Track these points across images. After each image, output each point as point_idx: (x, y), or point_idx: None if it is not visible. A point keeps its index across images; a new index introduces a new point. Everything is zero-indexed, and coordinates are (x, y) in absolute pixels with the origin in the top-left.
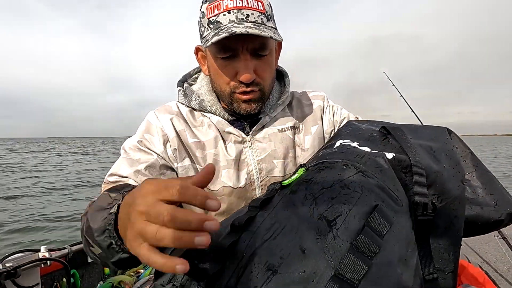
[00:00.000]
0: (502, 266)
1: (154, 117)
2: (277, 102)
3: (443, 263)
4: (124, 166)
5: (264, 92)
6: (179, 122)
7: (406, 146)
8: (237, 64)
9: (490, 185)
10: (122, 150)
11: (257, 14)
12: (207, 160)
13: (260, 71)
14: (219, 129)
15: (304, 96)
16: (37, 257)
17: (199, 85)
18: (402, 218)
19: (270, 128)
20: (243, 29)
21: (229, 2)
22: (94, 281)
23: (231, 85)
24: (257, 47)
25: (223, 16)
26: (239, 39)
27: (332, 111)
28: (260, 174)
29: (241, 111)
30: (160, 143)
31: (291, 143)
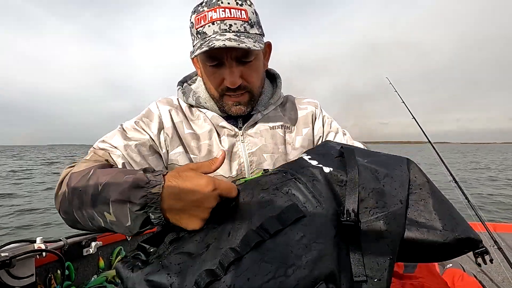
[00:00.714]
0: (497, 276)
1: (155, 106)
2: (269, 101)
3: (371, 271)
4: (117, 137)
5: (253, 94)
6: (177, 114)
7: (349, 164)
8: (224, 71)
9: (443, 211)
10: (118, 126)
11: (240, 23)
12: (202, 150)
13: (246, 76)
14: (213, 123)
15: (298, 100)
16: (33, 248)
17: (197, 85)
18: (318, 217)
19: (262, 125)
20: (221, 42)
21: (213, 13)
22: (89, 275)
23: (220, 89)
24: (240, 55)
25: (208, 27)
26: (223, 49)
27: (323, 121)
28: (251, 166)
29: (231, 113)
30: (156, 128)
31: (281, 140)
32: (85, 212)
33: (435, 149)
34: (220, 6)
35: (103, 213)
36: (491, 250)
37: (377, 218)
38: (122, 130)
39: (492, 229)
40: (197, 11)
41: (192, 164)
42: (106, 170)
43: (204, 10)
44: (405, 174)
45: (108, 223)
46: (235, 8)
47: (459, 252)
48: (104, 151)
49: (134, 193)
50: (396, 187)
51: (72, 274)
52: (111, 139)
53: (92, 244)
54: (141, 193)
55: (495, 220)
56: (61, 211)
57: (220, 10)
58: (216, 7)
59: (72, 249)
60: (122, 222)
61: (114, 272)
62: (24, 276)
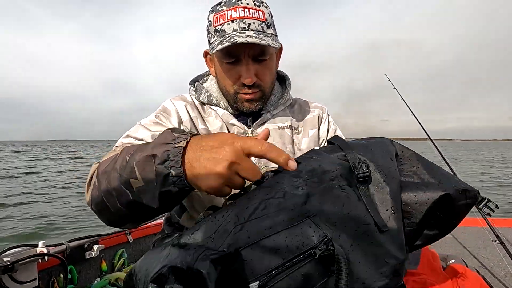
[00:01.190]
0: (500, 271)
1: (170, 103)
2: (278, 101)
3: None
4: (141, 130)
5: (264, 92)
6: (192, 110)
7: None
8: (240, 68)
9: (434, 171)
10: (137, 123)
11: (258, 22)
12: None
13: (260, 74)
14: (224, 120)
15: (306, 103)
16: (35, 252)
17: (208, 83)
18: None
19: (270, 124)
20: (243, 38)
21: (233, 12)
22: (91, 278)
23: (235, 87)
24: (257, 53)
25: (228, 25)
26: (242, 46)
27: (328, 125)
28: (259, 164)
29: (244, 109)
30: (176, 122)
31: (289, 140)
32: (113, 190)
33: (435, 145)
34: (239, 5)
35: (129, 181)
36: (493, 245)
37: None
38: (142, 126)
39: (494, 224)
40: (216, 10)
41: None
42: (134, 145)
43: (224, 9)
44: (392, 148)
45: (135, 192)
46: (253, 9)
47: (466, 207)
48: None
49: (159, 148)
50: (387, 159)
51: (75, 278)
52: (135, 133)
53: (94, 247)
54: (165, 148)
55: (497, 215)
56: (93, 204)
57: (240, 10)
58: (235, 6)
59: (74, 252)
60: (148, 183)
61: (116, 275)
62: (26, 281)
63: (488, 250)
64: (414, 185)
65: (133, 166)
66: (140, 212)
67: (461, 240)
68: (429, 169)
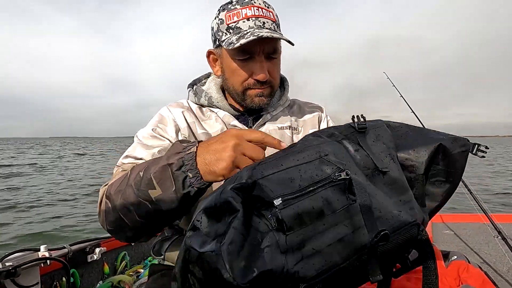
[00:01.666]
0: (502, 267)
1: (167, 110)
2: (277, 102)
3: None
4: (139, 149)
5: (273, 89)
6: (189, 115)
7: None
8: (253, 65)
9: (425, 131)
10: (135, 138)
11: (271, 22)
12: None
13: (271, 71)
14: (225, 122)
15: (305, 104)
16: (37, 257)
17: (207, 86)
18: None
19: (271, 125)
20: (266, 33)
21: (248, 10)
22: (94, 281)
23: (245, 84)
24: (270, 51)
25: (243, 23)
26: (257, 43)
27: (327, 125)
28: None
29: (253, 104)
30: (173, 131)
31: (289, 140)
32: (131, 205)
33: None
34: (253, 5)
35: (147, 193)
36: (495, 241)
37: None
38: (140, 142)
39: (495, 220)
40: (228, 8)
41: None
42: (144, 162)
43: (237, 7)
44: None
45: (154, 202)
46: (265, 9)
47: (462, 154)
48: (130, 164)
49: (173, 158)
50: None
51: (77, 281)
52: (134, 152)
53: (96, 250)
54: (178, 156)
55: (498, 210)
56: (107, 224)
57: (254, 8)
58: (250, 5)
59: (77, 256)
60: (167, 190)
61: (119, 277)
62: (29, 285)
63: (490, 246)
64: (409, 143)
65: (151, 178)
66: (158, 220)
67: (463, 237)
68: (420, 130)
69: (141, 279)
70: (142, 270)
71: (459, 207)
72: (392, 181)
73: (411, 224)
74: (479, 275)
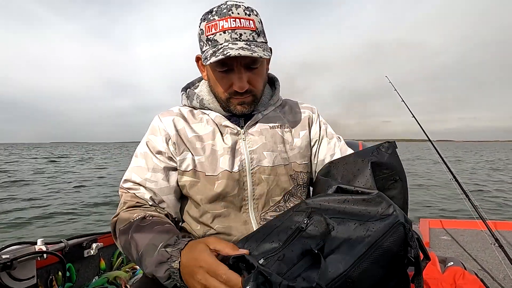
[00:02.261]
0: (498, 274)
1: (158, 120)
2: (268, 102)
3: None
4: (134, 174)
5: (256, 96)
6: (179, 122)
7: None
8: (233, 76)
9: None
10: (134, 156)
11: (249, 32)
12: (206, 149)
13: (252, 81)
14: (216, 123)
15: (296, 105)
16: (34, 250)
17: (200, 89)
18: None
19: (262, 124)
20: (236, 51)
21: (225, 23)
22: (90, 276)
23: (227, 93)
24: (249, 62)
25: (220, 36)
26: (233, 57)
27: (319, 126)
28: (251, 163)
29: (236, 112)
30: (163, 141)
31: (280, 139)
32: (132, 259)
33: (435, 147)
34: (231, 16)
35: (150, 274)
36: (492, 248)
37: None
38: (136, 162)
39: (493, 227)
40: (207, 19)
41: (210, 239)
42: (141, 238)
43: (215, 19)
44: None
45: (147, 274)
46: (244, 18)
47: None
48: (131, 194)
49: (160, 269)
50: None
51: (73, 276)
52: (131, 177)
53: (93, 246)
54: (165, 267)
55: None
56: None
57: (231, 20)
58: (227, 17)
59: (73, 250)
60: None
61: (115, 273)
62: (25, 278)
63: (487, 252)
64: (352, 175)
65: (145, 272)
66: None
67: (460, 243)
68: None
69: (137, 275)
70: (138, 267)
71: (458, 214)
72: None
73: (395, 224)
74: (475, 281)
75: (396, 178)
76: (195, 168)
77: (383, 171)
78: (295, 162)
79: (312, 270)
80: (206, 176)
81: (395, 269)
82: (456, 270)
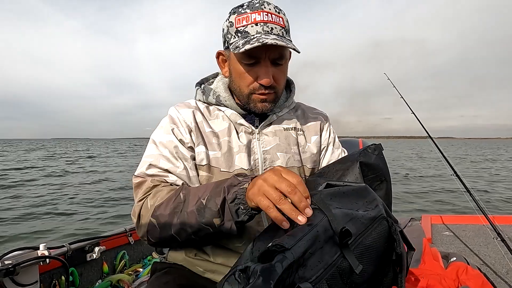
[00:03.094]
0: (501, 269)
1: (176, 111)
2: (284, 104)
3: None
4: (163, 161)
5: (277, 94)
6: (198, 115)
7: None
8: (259, 69)
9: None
10: (152, 144)
11: (279, 28)
12: (222, 146)
13: (276, 77)
14: (232, 120)
15: (309, 109)
16: (36, 255)
17: (216, 85)
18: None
19: (276, 125)
20: (272, 40)
21: (257, 15)
22: (93, 280)
23: (251, 87)
24: (276, 57)
25: (251, 27)
26: (263, 49)
27: (329, 133)
28: (264, 163)
29: (256, 109)
30: (186, 132)
31: (294, 141)
32: (190, 227)
33: (435, 143)
34: (263, 10)
35: (212, 221)
36: (495, 243)
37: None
38: (158, 150)
39: (495, 221)
40: (238, 12)
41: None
42: (200, 188)
43: (247, 11)
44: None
45: (216, 227)
46: (275, 14)
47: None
48: (159, 179)
49: (230, 190)
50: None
51: (76, 280)
52: (158, 163)
53: (95, 249)
54: (233, 190)
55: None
56: (151, 238)
57: (263, 14)
58: (259, 10)
59: (76, 254)
60: (227, 219)
61: (118, 276)
62: (28, 283)
63: (490, 247)
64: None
65: (216, 209)
66: (213, 239)
67: (463, 238)
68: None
69: (140, 278)
70: (141, 269)
71: (459, 208)
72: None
73: (378, 217)
74: (478, 276)
75: (382, 179)
76: (209, 163)
77: (369, 172)
78: (306, 166)
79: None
80: (221, 172)
81: (383, 264)
82: (459, 266)
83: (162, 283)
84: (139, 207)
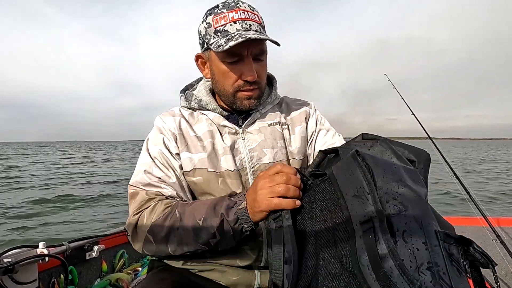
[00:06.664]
0: (500, 271)
1: (161, 121)
2: (266, 100)
3: None
4: (155, 169)
5: (261, 90)
6: (181, 122)
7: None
8: (242, 66)
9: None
10: (145, 153)
11: (256, 24)
12: (207, 147)
13: (259, 72)
14: (215, 123)
15: (293, 101)
16: (35, 253)
17: (198, 90)
18: None
19: (260, 122)
20: (255, 34)
21: (234, 14)
22: (92, 278)
23: (236, 85)
24: (258, 52)
25: (230, 26)
26: (245, 45)
27: (316, 119)
28: (251, 161)
29: (243, 107)
30: (172, 140)
31: (279, 135)
32: (186, 246)
33: (435, 144)
34: (239, 8)
35: (208, 241)
36: (494, 244)
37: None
38: (150, 158)
39: (494, 223)
40: (214, 12)
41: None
42: (194, 207)
43: (223, 11)
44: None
45: (212, 245)
46: (251, 12)
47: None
48: (153, 191)
49: (229, 213)
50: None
51: (75, 278)
52: (151, 170)
53: (94, 248)
54: (233, 211)
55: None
56: (147, 251)
57: (240, 12)
58: (236, 9)
59: (75, 253)
60: (226, 236)
61: (117, 275)
62: (27, 282)
63: (489, 249)
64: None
65: (214, 232)
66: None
67: None
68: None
69: (139, 277)
70: (140, 268)
71: (459, 210)
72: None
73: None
74: None
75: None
76: (195, 166)
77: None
78: (294, 158)
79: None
80: (208, 171)
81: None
82: None
83: (158, 280)
84: (135, 220)
